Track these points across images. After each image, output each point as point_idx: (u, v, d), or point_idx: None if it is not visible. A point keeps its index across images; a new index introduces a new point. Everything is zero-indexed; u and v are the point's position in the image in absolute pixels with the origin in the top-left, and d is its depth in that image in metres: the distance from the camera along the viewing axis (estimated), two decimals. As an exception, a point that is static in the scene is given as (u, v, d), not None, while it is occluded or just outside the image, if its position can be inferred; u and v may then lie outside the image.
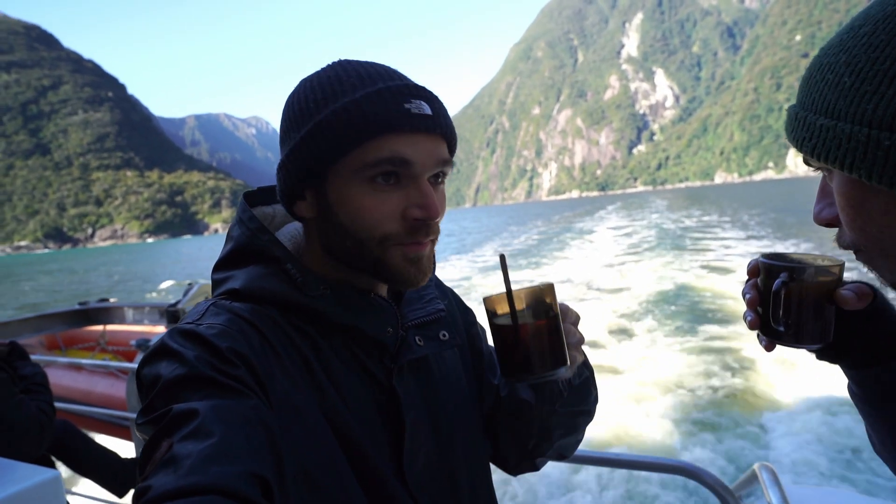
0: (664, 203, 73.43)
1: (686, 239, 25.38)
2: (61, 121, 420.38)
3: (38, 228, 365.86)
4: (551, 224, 50.90)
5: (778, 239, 22.90)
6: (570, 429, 0.87)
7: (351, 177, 0.66)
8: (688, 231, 29.63)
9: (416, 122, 0.65)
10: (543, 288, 0.71)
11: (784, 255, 0.70)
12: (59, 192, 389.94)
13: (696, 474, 1.37)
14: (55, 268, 71.87)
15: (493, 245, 34.38)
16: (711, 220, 35.65)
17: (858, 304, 0.63)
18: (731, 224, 31.82)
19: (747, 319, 0.68)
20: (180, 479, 0.44)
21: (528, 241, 34.95)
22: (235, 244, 0.72)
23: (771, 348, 0.69)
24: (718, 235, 25.87)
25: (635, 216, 48.26)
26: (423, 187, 0.67)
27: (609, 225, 40.26)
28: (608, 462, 1.54)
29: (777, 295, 0.63)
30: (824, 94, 0.52)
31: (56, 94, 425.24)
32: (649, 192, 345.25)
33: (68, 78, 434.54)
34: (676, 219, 40.16)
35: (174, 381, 0.54)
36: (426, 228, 0.68)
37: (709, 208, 50.97)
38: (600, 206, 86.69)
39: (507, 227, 54.64)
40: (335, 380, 0.67)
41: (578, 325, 0.77)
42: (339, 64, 0.70)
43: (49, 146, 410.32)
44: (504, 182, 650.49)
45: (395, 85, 0.66)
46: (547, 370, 0.69)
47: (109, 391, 3.27)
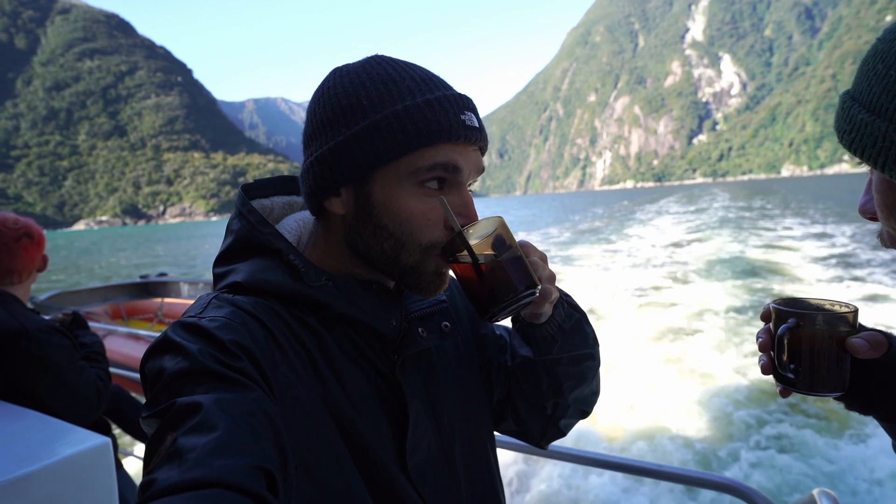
0: (727, 195, 69.85)
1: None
2: (136, 104, 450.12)
3: (116, 205, 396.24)
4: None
5: (835, 225, 22.71)
6: (579, 377, 0.86)
7: (402, 180, 0.66)
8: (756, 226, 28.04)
9: (469, 133, 0.67)
10: (492, 220, 0.71)
11: (802, 301, 0.69)
12: (134, 171, 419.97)
13: (745, 494, 1.28)
14: (129, 244, 74.39)
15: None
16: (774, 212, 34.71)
17: (872, 353, 0.61)
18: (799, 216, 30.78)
19: (760, 363, 0.68)
20: (185, 472, 0.44)
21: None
22: (236, 237, 0.72)
23: (786, 395, 0.68)
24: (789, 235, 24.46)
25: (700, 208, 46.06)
26: (465, 195, 0.69)
27: (671, 218, 38.59)
28: (640, 471, 1.46)
29: (781, 341, 0.63)
30: (871, 84, 0.49)
31: (132, 79, 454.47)
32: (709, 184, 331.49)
33: (143, 64, 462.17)
34: (741, 210, 38.58)
35: (178, 374, 0.55)
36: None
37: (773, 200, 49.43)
38: (656, 199, 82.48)
39: (566, 216, 54.09)
40: (338, 371, 0.68)
41: (547, 264, 0.76)
42: (382, 61, 0.70)
43: (126, 128, 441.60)
44: (556, 170, 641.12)
45: (451, 95, 0.68)
46: (516, 294, 0.69)
47: None
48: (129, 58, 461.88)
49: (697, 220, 31.96)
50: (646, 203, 59.41)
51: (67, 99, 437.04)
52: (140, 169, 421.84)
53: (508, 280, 0.69)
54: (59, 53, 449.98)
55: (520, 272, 0.70)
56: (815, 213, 32.39)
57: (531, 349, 0.83)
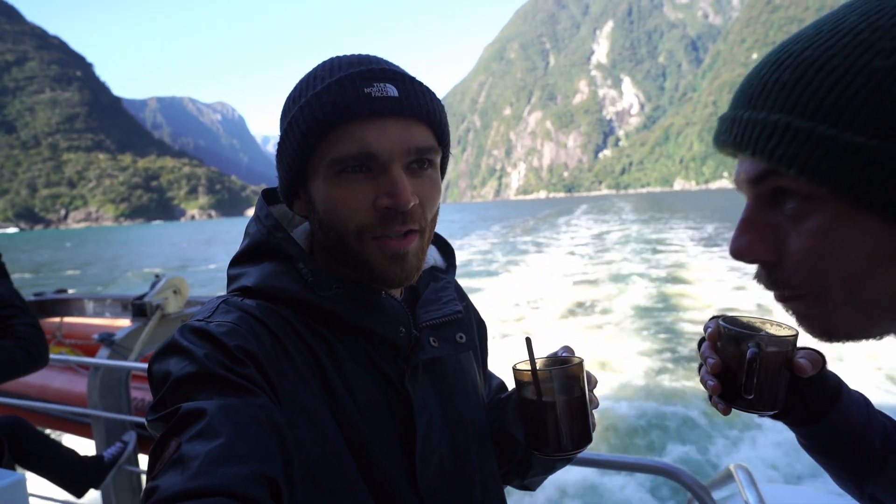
0: (629, 206, 78.28)
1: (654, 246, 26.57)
2: (27, 98, 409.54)
3: (7, 208, 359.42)
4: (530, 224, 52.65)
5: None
6: (547, 470, 0.86)
7: (324, 170, 0.65)
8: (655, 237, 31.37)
9: (376, 105, 0.62)
10: (573, 365, 0.70)
11: (737, 319, 0.69)
12: (29, 171, 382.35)
13: (674, 474, 1.39)
14: (26, 249, 68.86)
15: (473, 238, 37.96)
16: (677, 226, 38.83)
17: (813, 372, 0.65)
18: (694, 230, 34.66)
19: (709, 385, 0.68)
20: (188, 480, 0.44)
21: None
22: (251, 241, 0.72)
23: (728, 412, 0.69)
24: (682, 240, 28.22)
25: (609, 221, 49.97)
26: (393, 175, 0.64)
27: (582, 230, 41.96)
28: (585, 462, 1.53)
29: (751, 364, 0.64)
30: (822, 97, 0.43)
31: (21, 70, 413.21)
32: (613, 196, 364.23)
33: (34, 54, 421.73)
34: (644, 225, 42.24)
35: (184, 378, 0.55)
36: (401, 217, 0.65)
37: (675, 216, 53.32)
38: (569, 209, 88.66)
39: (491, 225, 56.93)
40: (346, 380, 0.66)
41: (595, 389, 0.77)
42: (326, 60, 0.68)
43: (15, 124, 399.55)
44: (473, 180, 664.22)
45: (356, 71, 0.64)
46: (570, 449, 0.67)
47: (68, 386, 3.14)
48: (17, 46, 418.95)
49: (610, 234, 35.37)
50: (563, 214, 65.91)
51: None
52: (35, 170, 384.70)
53: (571, 431, 0.67)
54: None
55: (582, 426, 0.68)
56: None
57: (526, 470, 0.85)
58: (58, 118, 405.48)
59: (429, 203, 0.68)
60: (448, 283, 0.82)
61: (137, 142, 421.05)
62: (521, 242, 33.55)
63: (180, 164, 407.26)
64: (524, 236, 38.11)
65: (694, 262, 19.84)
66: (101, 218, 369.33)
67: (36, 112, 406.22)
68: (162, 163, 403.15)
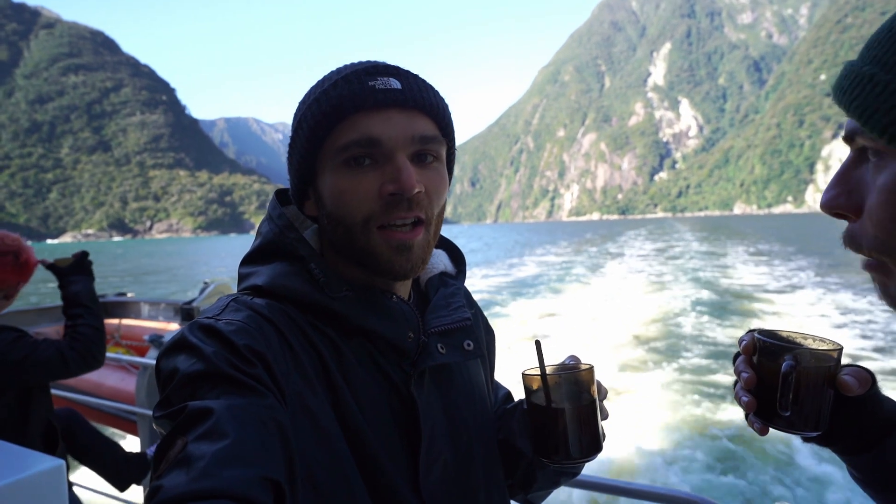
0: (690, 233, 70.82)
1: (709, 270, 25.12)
2: (121, 121, 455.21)
3: (103, 219, 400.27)
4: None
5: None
6: (552, 484, 0.86)
7: (331, 164, 0.67)
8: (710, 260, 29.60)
9: (380, 96, 0.64)
10: (583, 371, 0.69)
11: (776, 333, 0.66)
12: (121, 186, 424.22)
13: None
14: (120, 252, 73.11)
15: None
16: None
17: (860, 391, 0.60)
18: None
19: (743, 401, 0.64)
20: (192, 482, 0.43)
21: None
22: (263, 240, 0.73)
23: (765, 432, 0.65)
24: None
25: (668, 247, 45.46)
26: (398, 162, 0.65)
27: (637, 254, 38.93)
28: (614, 490, 1.47)
29: (787, 378, 0.60)
30: (884, 45, 0.43)
31: (118, 95, 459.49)
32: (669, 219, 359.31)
33: (128, 81, 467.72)
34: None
35: (191, 376, 0.55)
36: (406, 203, 0.65)
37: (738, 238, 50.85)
38: (621, 231, 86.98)
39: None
40: (351, 382, 0.66)
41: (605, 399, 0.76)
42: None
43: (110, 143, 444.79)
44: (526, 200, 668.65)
45: (361, 67, 0.67)
46: (580, 457, 0.66)
47: (119, 385, 3.28)
48: (115, 74, 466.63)
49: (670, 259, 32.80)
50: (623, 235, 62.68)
51: (51, 112, 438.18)
52: (126, 185, 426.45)
53: (579, 439, 0.66)
54: (43, 67, 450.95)
55: (591, 434, 0.66)
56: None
57: (530, 483, 0.83)
58: (146, 138, 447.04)
59: (435, 194, 0.68)
60: (458, 289, 0.82)
61: (212, 160, 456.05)
62: (601, 259, 31.95)
63: (250, 181, 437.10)
64: (606, 258, 35.09)
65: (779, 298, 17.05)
66: (181, 229, 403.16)
67: (128, 133, 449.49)
68: (234, 179, 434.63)
